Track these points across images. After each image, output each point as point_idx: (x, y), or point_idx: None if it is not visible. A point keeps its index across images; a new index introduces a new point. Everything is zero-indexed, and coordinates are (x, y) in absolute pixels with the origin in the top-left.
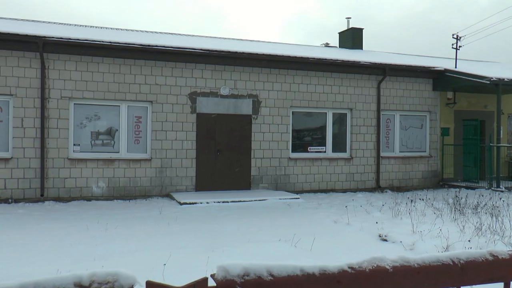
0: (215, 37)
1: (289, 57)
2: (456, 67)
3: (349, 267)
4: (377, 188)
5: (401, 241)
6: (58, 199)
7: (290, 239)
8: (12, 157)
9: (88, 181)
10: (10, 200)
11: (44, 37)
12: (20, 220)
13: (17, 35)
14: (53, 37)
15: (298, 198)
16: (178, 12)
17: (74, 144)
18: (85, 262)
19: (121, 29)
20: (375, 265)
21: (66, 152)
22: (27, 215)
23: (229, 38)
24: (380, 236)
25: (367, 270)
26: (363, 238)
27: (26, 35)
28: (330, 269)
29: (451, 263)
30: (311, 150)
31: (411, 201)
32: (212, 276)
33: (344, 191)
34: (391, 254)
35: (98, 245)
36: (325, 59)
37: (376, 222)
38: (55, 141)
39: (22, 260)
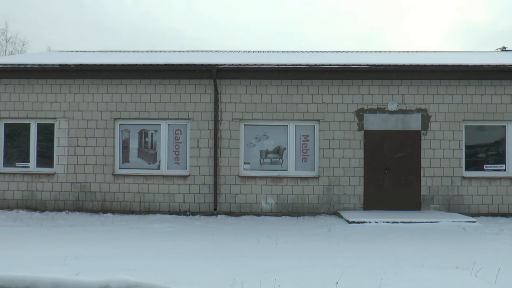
0: (378, 51)
1: (460, 66)
2: None
3: None
4: None
5: None
6: (229, 213)
7: (469, 267)
8: (189, 175)
9: (258, 198)
10: (188, 213)
11: (217, 64)
12: (197, 231)
13: (194, 65)
14: (224, 64)
15: (474, 221)
16: (335, 33)
17: (244, 163)
18: (257, 274)
19: (286, 51)
20: None
21: (237, 170)
22: (203, 227)
23: (392, 51)
24: None
25: None
26: None
27: (202, 65)
28: None
29: None
30: (487, 168)
31: None
32: None
33: None
34: None
35: (268, 258)
36: (503, 65)
37: None
38: (227, 159)
39: (198, 266)
